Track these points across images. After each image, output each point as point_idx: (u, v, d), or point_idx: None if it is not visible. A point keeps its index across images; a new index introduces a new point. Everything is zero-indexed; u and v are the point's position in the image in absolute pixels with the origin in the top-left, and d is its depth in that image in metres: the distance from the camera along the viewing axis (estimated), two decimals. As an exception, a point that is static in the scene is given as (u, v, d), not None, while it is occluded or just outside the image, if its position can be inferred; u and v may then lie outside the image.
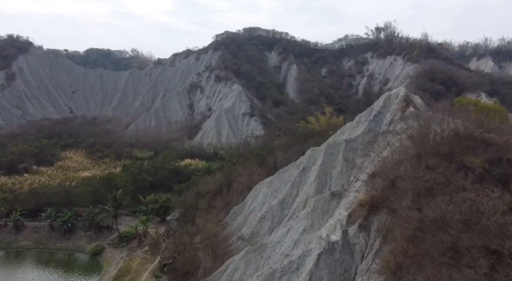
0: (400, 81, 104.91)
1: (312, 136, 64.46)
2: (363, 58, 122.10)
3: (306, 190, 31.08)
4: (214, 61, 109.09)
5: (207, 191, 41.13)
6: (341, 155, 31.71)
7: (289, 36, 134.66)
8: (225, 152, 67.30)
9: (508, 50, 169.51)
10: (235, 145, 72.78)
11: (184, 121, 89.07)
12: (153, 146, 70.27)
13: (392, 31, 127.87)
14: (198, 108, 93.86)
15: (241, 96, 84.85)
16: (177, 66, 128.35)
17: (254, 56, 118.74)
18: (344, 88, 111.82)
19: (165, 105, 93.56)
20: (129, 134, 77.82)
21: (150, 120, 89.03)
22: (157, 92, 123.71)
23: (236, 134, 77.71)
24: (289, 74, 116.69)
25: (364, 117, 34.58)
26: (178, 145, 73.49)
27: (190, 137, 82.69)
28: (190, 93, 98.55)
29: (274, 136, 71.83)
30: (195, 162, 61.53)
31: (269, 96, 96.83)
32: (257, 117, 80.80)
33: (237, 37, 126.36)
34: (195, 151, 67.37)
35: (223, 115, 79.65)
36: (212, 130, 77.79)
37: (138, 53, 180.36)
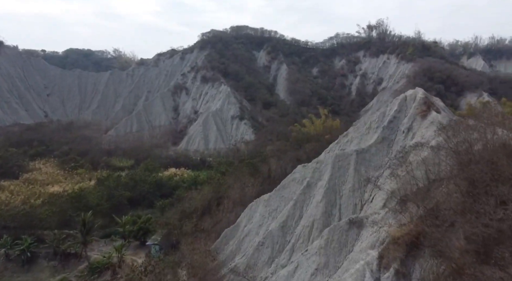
0: (395, 81, 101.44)
1: (307, 141, 60.03)
2: (355, 57, 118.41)
3: (312, 211, 26.25)
4: (200, 61, 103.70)
5: (194, 209, 35.96)
6: (352, 168, 27.05)
7: (278, 35, 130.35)
8: (213, 159, 62.15)
9: (498, 48, 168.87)
10: (224, 151, 67.72)
11: (168, 126, 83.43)
12: (134, 154, 64.61)
13: (384, 29, 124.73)
14: (184, 111, 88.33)
15: (230, 98, 79.76)
16: (161, 67, 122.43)
17: (242, 55, 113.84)
18: (336, 89, 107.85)
19: (148, 108, 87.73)
20: (108, 141, 71.84)
21: (131, 125, 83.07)
22: (140, 94, 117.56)
23: (225, 139, 72.57)
24: (279, 74, 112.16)
25: (376, 123, 30.03)
26: (161, 152, 67.96)
27: (175, 143, 77.16)
28: (175, 95, 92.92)
29: (266, 141, 67.12)
30: (180, 171, 56.19)
31: (258, 97, 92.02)
32: (247, 120, 75.85)
33: (224, 36, 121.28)
34: (180, 159, 62.02)
35: (211, 119, 74.42)
36: (199, 135, 72.46)
37: (121, 53, 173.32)
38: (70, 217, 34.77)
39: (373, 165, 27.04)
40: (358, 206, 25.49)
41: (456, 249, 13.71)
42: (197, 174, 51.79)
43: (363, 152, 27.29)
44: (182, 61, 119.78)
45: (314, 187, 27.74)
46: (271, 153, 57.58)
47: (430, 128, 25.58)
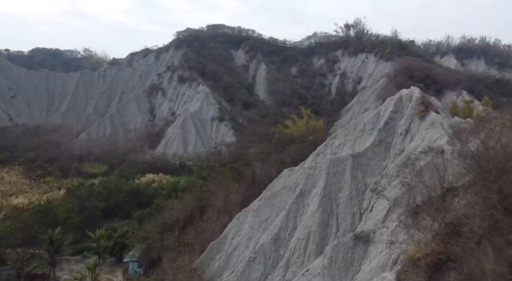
0: (374, 80, 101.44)
1: (290, 142, 58.28)
2: (334, 57, 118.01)
3: (307, 221, 24.20)
4: (177, 61, 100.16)
5: (175, 220, 33.22)
6: (348, 174, 25.20)
7: (255, 34, 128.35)
8: (193, 163, 59.27)
9: (469, 48, 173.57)
10: (205, 154, 64.94)
11: (144, 129, 79.64)
12: (108, 159, 60.85)
13: (362, 29, 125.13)
14: (160, 113, 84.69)
15: (209, 99, 76.94)
16: (134, 67, 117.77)
17: (220, 55, 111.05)
18: (316, 88, 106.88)
19: (122, 111, 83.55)
20: (79, 146, 67.55)
21: (105, 128, 78.70)
22: (113, 96, 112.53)
23: (204, 142, 69.73)
24: (258, 74, 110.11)
25: (370, 124, 28.36)
26: (137, 156, 64.43)
27: (152, 147, 73.60)
28: (151, 97, 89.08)
29: (247, 143, 64.88)
30: (158, 177, 53.09)
31: (238, 98, 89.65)
32: (227, 121, 73.30)
33: (200, 34, 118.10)
34: (158, 164, 58.80)
35: (189, 121, 71.37)
36: (177, 138, 69.29)
37: (91, 53, 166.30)
38: (36, 234, 31.25)
39: (370, 170, 25.33)
40: (356, 215, 23.65)
41: (487, 273, 11.98)
42: (176, 179, 48.87)
43: (359, 156, 25.54)
44: (157, 61, 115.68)
45: (308, 195, 25.71)
46: (255, 155, 55.43)
47: (431, 130, 24.13)
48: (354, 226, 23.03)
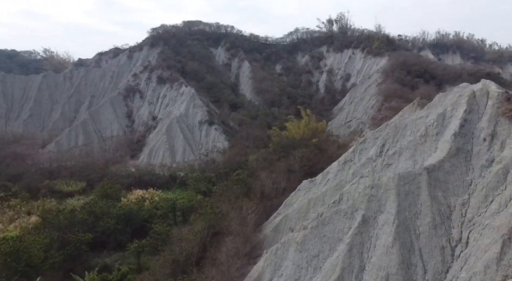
0: (364, 76, 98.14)
1: (292, 146, 52.92)
2: (319, 53, 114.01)
3: (380, 260, 18.57)
4: (154, 60, 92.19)
5: (187, 255, 26.70)
6: (425, 194, 19.82)
7: (235, 30, 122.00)
8: (185, 174, 52.50)
9: (444, 43, 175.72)
10: (197, 164, 58.22)
11: (122, 136, 71.51)
12: (85, 174, 52.85)
13: (345, 23, 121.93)
14: (139, 117, 76.71)
15: (195, 101, 70.00)
16: (104, 67, 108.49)
17: (199, 53, 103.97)
18: (303, 86, 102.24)
19: (95, 116, 74.81)
20: (48, 159, 58.82)
21: (77, 137, 69.86)
22: (82, 100, 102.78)
23: (194, 149, 62.86)
24: (241, 73, 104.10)
25: (435, 128, 23.25)
26: (119, 169, 56.75)
27: (134, 157, 65.85)
28: (127, 99, 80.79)
29: (244, 148, 58.82)
30: (148, 193, 45.98)
31: (224, 99, 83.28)
32: (218, 125, 66.80)
33: (176, 31, 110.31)
34: (145, 177, 51.54)
35: (175, 126, 64.22)
36: (163, 145, 61.97)
37: (52, 54, 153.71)
38: (5, 284, 23.86)
39: (452, 188, 20.16)
40: (446, 250, 18.34)
41: None
42: (174, 197, 42.13)
43: (434, 170, 20.34)
44: (130, 60, 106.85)
45: (373, 223, 20.12)
46: (258, 163, 49.53)
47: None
48: (446, 265, 17.75)
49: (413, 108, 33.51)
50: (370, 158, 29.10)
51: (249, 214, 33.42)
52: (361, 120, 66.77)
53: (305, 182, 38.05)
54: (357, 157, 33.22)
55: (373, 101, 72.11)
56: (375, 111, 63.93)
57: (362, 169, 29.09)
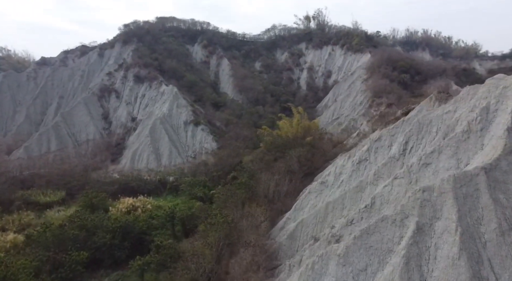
0: (345, 73, 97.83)
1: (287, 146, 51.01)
2: (298, 50, 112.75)
3: (446, 273, 16.44)
4: (129, 57, 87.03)
5: (203, 273, 23.67)
6: (485, 197, 18.00)
7: (211, 27, 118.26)
8: (176, 178, 48.97)
9: (413, 40, 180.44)
10: (186, 166, 54.77)
11: (99, 139, 66.39)
12: (63, 182, 48.10)
13: (323, 20, 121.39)
14: (117, 119, 71.70)
15: (178, 100, 66.15)
16: (72, 66, 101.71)
17: (176, 50, 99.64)
18: (285, 84, 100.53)
19: (68, 118, 69.04)
20: (17, 166, 53.25)
21: (48, 142, 63.98)
22: (49, 101, 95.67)
23: (180, 151, 59.17)
24: (221, 71, 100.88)
25: (478, 123, 21.64)
26: (101, 175, 52.32)
27: (114, 161, 61.15)
28: (102, 100, 75.40)
29: (235, 149, 55.98)
30: (139, 201, 42.19)
31: (205, 98, 79.75)
32: (204, 125, 63.44)
33: (150, 28, 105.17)
34: (131, 183, 47.52)
35: (159, 127, 60.22)
36: (147, 148, 57.84)
37: (10, 52, 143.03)
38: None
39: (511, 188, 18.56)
40: (518, 258, 16.72)
41: None
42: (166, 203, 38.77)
43: (492, 170, 18.63)
44: (101, 59, 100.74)
45: (429, 231, 18.08)
46: (255, 165, 46.95)
47: None
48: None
49: (431, 103, 32.00)
50: (393, 157, 27.31)
51: (262, 221, 30.86)
52: (351, 117, 65.65)
53: (315, 184, 36.06)
54: (373, 155, 31.42)
55: (361, 97, 71.39)
56: (365, 108, 63.05)
57: (385, 168, 27.25)
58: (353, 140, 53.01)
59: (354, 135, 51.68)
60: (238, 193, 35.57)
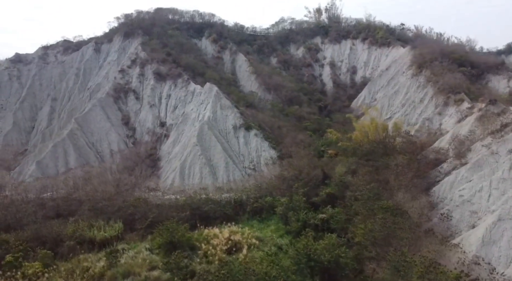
0: (372, 68, 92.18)
1: (379, 152, 43.94)
2: (314, 45, 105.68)
3: None
4: (139, 52, 76.04)
5: None
6: None
7: (215, 18, 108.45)
8: (257, 199, 40.01)
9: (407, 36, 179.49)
10: (250, 181, 45.88)
11: (126, 150, 55.62)
12: (113, 209, 38.01)
13: (336, 13, 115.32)
14: (141, 124, 60.91)
15: (222, 101, 56.71)
16: (66, 63, 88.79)
17: (186, 44, 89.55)
18: (308, 81, 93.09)
19: (84, 125, 57.38)
20: (40, 189, 42.29)
21: (65, 154, 52.07)
22: (38, 104, 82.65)
23: (237, 162, 50.13)
24: (237, 67, 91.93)
25: None
26: (150, 196, 42.56)
27: (151, 176, 50.92)
28: (119, 102, 64.19)
29: (310, 158, 47.87)
30: (236, 233, 33.24)
31: (237, 98, 70.56)
32: (257, 130, 54.69)
33: (157, 19, 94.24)
34: (204, 207, 38.32)
35: (208, 133, 50.71)
36: (198, 160, 48.11)
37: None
38: None
39: None
40: None
41: None
42: (278, 234, 30.23)
43: None
44: (98, 54, 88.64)
45: None
46: (365, 177, 39.19)
47: None
48: None
49: None
50: None
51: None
52: (419, 117, 59.17)
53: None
54: None
55: (419, 94, 65.33)
56: (440, 106, 56.71)
57: None
58: (446, 143, 46.31)
59: (448, 138, 45.25)
60: (389, 221, 27.42)
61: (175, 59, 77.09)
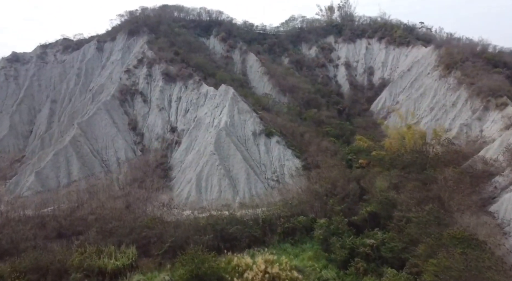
0: (391, 69, 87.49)
1: (418, 164, 39.40)
2: (327, 44, 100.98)
3: None
4: (146, 51, 71.25)
5: None
6: None
7: (223, 16, 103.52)
8: (288, 218, 35.21)
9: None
10: (274, 195, 41.16)
11: (133, 159, 50.75)
12: (125, 231, 33.26)
13: (349, 11, 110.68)
14: (150, 129, 56.09)
15: (239, 104, 51.92)
16: (66, 62, 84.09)
17: (194, 43, 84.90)
18: (322, 82, 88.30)
19: (88, 130, 52.49)
20: (40, 205, 37.57)
21: (68, 164, 47.15)
22: (37, 107, 77.88)
23: (258, 173, 45.35)
24: (248, 67, 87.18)
25: None
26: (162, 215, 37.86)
27: (162, 189, 46.09)
28: (125, 105, 59.30)
29: (342, 169, 43.20)
30: (272, 263, 28.45)
31: (251, 100, 65.76)
32: (279, 136, 49.97)
33: (163, 16, 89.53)
34: (229, 228, 33.58)
35: (226, 141, 45.91)
36: (216, 170, 43.32)
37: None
38: None
39: None
40: None
41: None
42: (321, 265, 25.49)
43: None
44: (100, 53, 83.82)
45: None
46: (407, 198, 34.45)
47: None
48: None
49: None
50: None
51: None
52: (452, 122, 54.54)
53: None
54: None
55: (451, 97, 60.76)
56: (479, 110, 51.99)
57: None
58: (495, 153, 41.56)
59: (496, 147, 40.63)
60: (484, 265, 22.30)
61: (183, 58, 72.32)
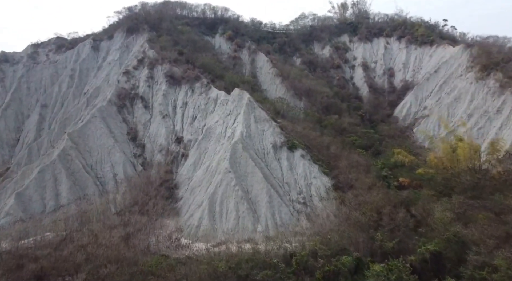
0: (414, 71, 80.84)
1: (486, 189, 32.23)
2: (342, 43, 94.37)
3: None
4: (147, 50, 64.33)
5: None
6: None
7: (230, 13, 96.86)
8: (329, 257, 28.25)
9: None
10: (302, 224, 34.34)
11: (133, 177, 43.75)
12: (111, 279, 26.28)
13: (364, 8, 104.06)
14: (152, 140, 49.12)
15: (256, 111, 45.03)
16: (58, 63, 77.12)
17: (199, 42, 78.12)
18: (339, 84, 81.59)
19: (81, 142, 45.51)
20: (17, 238, 30.55)
21: (56, 182, 40.25)
22: (25, 112, 70.86)
23: (282, 196, 38.39)
24: (258, 68, 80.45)
25: None
26: (166, 252, 30.87)
27: (167, 213, 39.14)
28: (123, 111, 52.33)
29: (383, 188, 36.37)
30: None
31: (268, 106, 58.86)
32: (302, 150, 43.06)
33: (164, 13, 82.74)
34: (255, 273, 26.59)
35: (243, 155, 38.93)
36: (232, 192, 36.36)
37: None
38: None
39: None
40: None
41: None
42: None
43: None
44: (96, 53, 77.01)
45: None
46: (482, 234, 27.45)
47: None
48: None
49: None
50: None
51: None
52: (499, 131, 47.90)
53: None
54: None
55: (494, 102, 54.21)
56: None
57: None
58: None
59: None
60: None
61: (188, 59, 65.52)
